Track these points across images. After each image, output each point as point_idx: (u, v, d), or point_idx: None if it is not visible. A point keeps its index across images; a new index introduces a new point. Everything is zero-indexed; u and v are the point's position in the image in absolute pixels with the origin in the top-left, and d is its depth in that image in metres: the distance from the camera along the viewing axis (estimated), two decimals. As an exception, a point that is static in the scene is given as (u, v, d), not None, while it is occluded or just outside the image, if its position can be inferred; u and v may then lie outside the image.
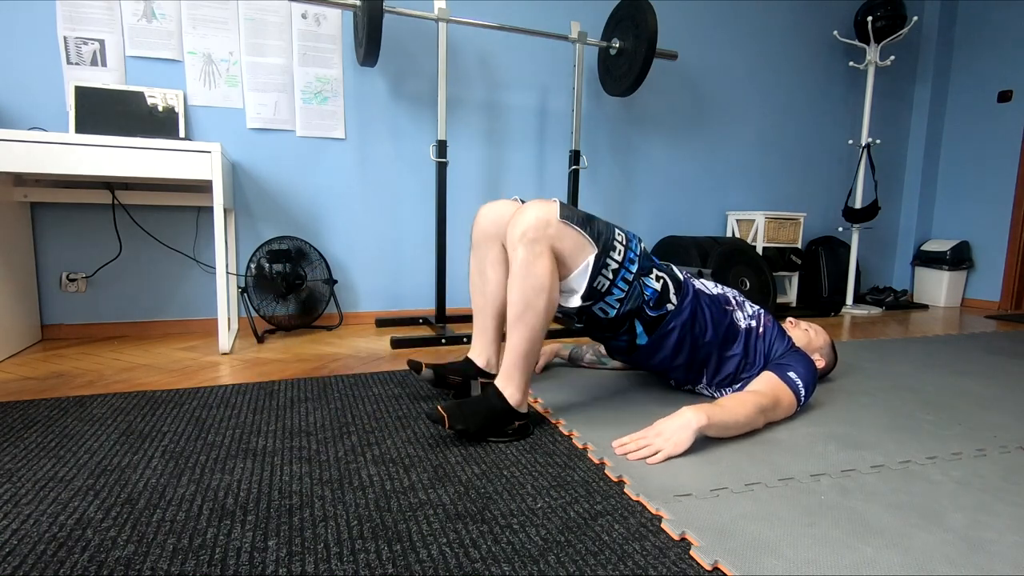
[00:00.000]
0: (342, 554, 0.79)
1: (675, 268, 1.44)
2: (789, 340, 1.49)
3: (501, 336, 1.45)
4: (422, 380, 1.38)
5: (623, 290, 1.28)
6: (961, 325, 2.93)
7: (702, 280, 1.51)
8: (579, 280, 1.24)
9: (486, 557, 0.79)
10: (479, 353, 1.45)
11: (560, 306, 1.30)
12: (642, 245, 1.35)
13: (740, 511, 0.92)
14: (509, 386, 1.21)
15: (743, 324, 1.45)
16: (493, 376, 1.44)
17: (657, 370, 1.48)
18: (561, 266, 1.22)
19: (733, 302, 1.49)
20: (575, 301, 1.26)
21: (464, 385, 1.43)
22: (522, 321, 1.18)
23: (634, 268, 1.29)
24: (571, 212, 1.23)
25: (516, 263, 1.17)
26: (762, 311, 1.53)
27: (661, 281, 1.34)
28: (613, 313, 1.30)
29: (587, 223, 1.24)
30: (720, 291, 1.50)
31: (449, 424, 1.14)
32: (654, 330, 1.35)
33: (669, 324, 1.35)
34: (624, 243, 1.29)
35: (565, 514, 0.91)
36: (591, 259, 1.22)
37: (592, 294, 1.26)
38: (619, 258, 1.27)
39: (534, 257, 1.16)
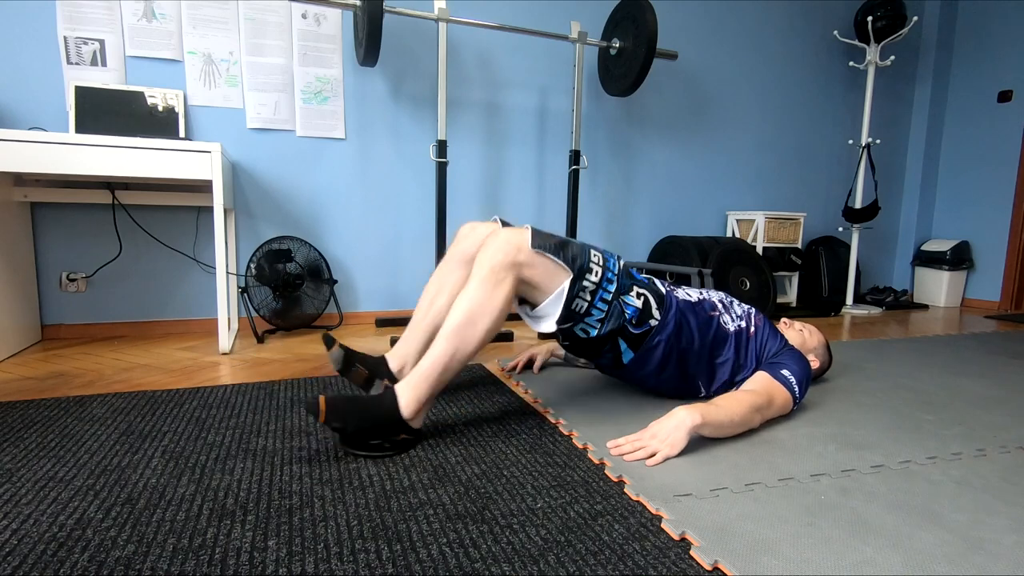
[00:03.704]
0: (342, 554, 0.79)
1: (657, 282, 1.43)
2: (782, 338, 1.49)
3: (426, 349, 1.35)
4: (331, 359, 1.33)
5: (602, 310, 1.27)
6: (961, 325, 2.93)
7: (685, 288, 1.49)
8: (553, 305, 1.22)
9: (486, 557, 0.79)
10: (397, 357, 1.39)
11: (538, 332, 1.27)
12: (621, 264, 1.33)
13: (740, 511, 0.92)
14: (409, 394, 1.12)
15: (731, 327, 1.44)
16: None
17: (647, 386, 1.47)
18: (535, 292, 1.21)
19: (719, 307, 1.46)
20: (549, 326, 1.24)
21: (369, 381, 1.35)
22: (457, 334, 1.13)
23: (612, 288, 1.27)
24: (543, 240, 1.20)
25: (476, 279, 1.15)
26: (753, 310, 1.52)
27: (642, 298, 1.32)
28: (594, 333, 1.28)
29: (560, 249, 1.22)
30: (705, 296, 1.47)
31: (325, 419, 1.05)
32: (639, 346, 1.34)
33: (654, 339, 1.34)
34: (601, 264, 1.27)
35: (565, 514, 0.91)
36: (566, 284, 1.21)
37: (570, 316, 1.25)
38: (596, 279, 1.25)
39: (496, 281, 1.14)
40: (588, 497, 0.97)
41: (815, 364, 1.59)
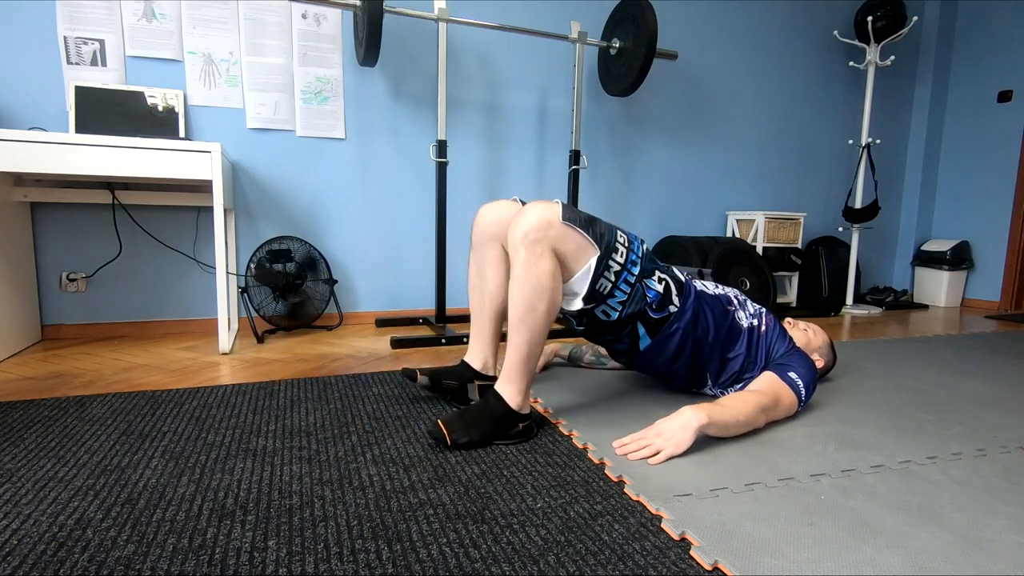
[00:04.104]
0: (342, 554, 0.79)
1: (675, 269, 1.45)
2: (790, 340, 1.49)
3: (499, 337, 1.44)
4: (420, 387, 1.39)
5: (625, 292, 1.28)
6: (961, 325, 2.93)
7: (701, 281, 1.51)
8: (581, 283, 1.23)
9: (486, 557, 0.79)
10: (476, 355, 1.44)
11: (561, 308, 1.29)
12: (644, 247, 1.35)
13: (740, 511, 0.92)
14: (509, 388, 1.20)
15: (745, 323, 1.46)
16: (490, 378, 1.44)
17: (660, 374, 1.47)
18: (563, 268, 1.21)
19: (735, 302, 1.49)
20: (576, 304, 1.25)
21: (461, 389, 1.42)
22: (524, 324, 1.17)
23: (636, 270, 1.29)
24: (573, 213, 1.22)
25: (518, 264, 1.16)
26: (764, 310, 1.53)
27: (663, 283, 1.34)
28: (615, 316, 1.29)
29: (589, 225, 1.24)
30: (721, 291, 1.50)
31: (452, 440, 1.13)
32: (657, 332, 1.35)
33: (672, 326, 1.35)
34: (626, 245, 1.29)
35: (565, 514, 0.91)
36: (593, 261, 1.22)
37: (594, 296, 1.26)
38: (621, 260, 1.26)
39: (536, 258, 1.15)
40: (588, 497, 0.97)
41: (820, 364, 1.59)
